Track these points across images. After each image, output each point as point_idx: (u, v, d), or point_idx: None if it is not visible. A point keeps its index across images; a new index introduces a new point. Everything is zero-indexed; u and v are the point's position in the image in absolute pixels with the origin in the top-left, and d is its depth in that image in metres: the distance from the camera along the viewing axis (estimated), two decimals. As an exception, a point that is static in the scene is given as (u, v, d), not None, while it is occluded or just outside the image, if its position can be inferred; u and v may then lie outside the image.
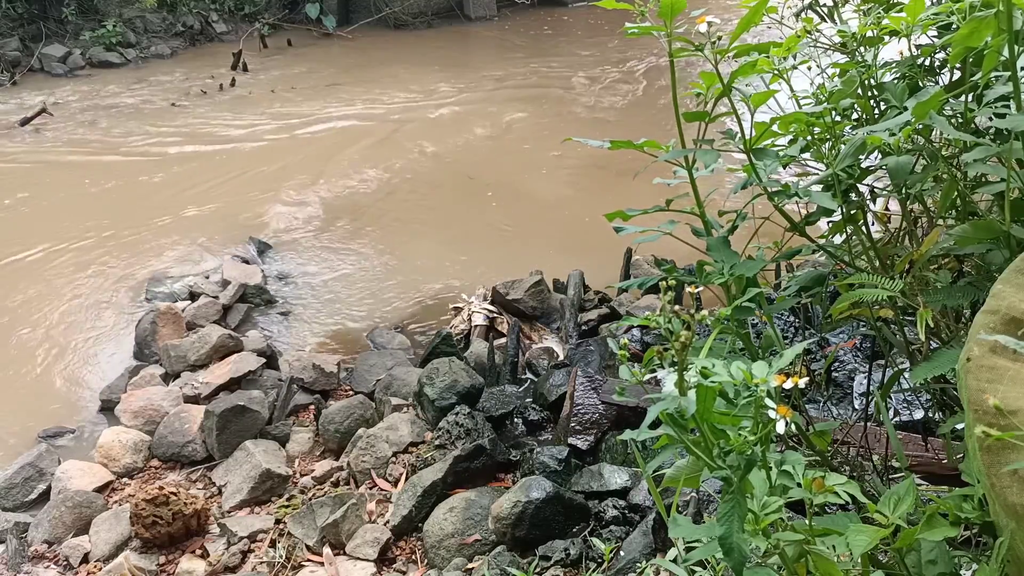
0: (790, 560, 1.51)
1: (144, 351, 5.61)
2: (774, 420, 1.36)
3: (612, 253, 6.05)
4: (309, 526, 3.92)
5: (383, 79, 12.17)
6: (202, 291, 6.20)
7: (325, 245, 7.22)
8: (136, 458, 4.60)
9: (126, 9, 14.11)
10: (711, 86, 1.82)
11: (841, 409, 4.02)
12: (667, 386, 1.39)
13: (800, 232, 2.05)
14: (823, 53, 2.23)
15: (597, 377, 4.23)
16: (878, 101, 2.07)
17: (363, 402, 4.78)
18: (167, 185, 8.46)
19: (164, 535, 3.89)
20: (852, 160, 1.93)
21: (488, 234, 7.38)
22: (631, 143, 1.86)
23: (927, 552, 1.55)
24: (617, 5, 1.76)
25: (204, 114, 10.81)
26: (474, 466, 4.03)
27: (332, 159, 9.09)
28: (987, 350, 1.36)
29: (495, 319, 5.65)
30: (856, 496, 1.52)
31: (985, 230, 1.74)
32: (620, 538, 3.40)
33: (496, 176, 8.60)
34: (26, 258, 7.04)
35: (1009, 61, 1.66)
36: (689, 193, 1.94)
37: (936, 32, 2.11)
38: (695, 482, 1.57)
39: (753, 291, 1.82)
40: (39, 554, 4.04)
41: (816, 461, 2.06)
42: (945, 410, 2.28)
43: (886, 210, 2.49)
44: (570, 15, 16.41)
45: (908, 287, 1.85)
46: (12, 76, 12.28)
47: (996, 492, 1.30)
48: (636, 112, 10.57)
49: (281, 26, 15.14)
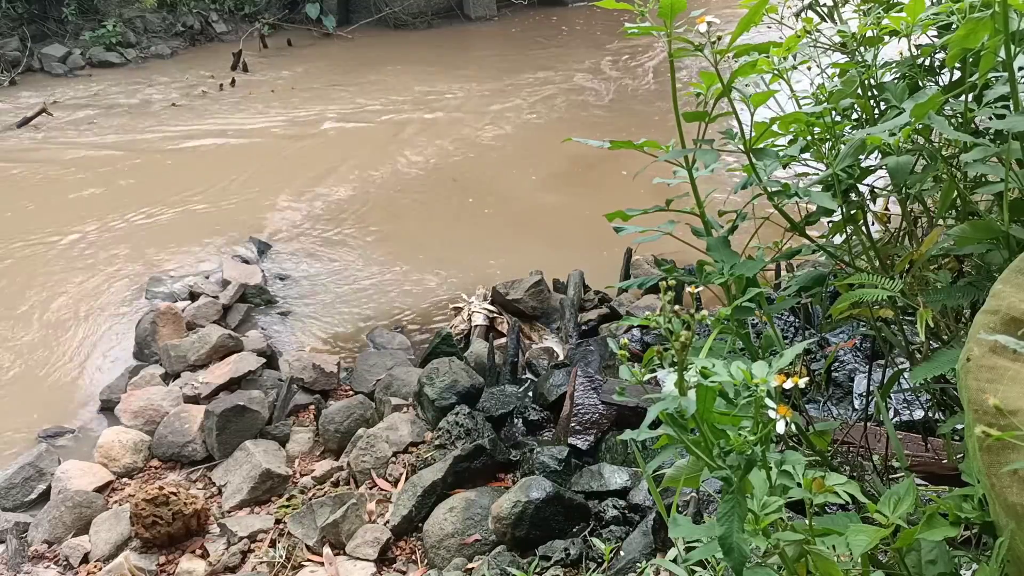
0: (790, 560, 1.51)
1: (144, 351, 5.61)
2: (774, 420, 1.36)
3: (612, 253, 6.06)
4: (309, 526, 3.92)
5: (383, 79, 12.17)
6: (202, 291, 6.20)
7: (325, 245, 7.22)
8: (136, 458, 4.60)
9: (126, 9, 14.11)
10: (711, 86, 1.83)
11: (841, 409, 4.03)
12: (667, 386, 1.39)
13: (800, 232, 2.05)
14: (823, 53, 2.23)
15: (597, 377, 4.23)
16: (878, 101, 2.07)
17: (363, 402, 4.78)
18: (167, 185, 8.46)
19: (164, 535, 3.90)
20: (852, 160, 1.93)
21: (488, 234, 7.38)
22: (631, 143, 1.86)
23: (927, 552, 1.55)
24: (617, 5, 1.76)
25: (204, 114, 10.81)
26: (474, 466, 4.03)
27: (332, 159, 9.10)
28: (987, 350, 1.36)
29: (495, 319, 5.65)
30: (856, 496, 1.52)
31: (984, 230, 1.74)
32: (620, 538, 3.40)
33: (496, 176, 8.61)
34: (26, 258, 7.05)
35: (1006, 62, 1.66)
36: (689, 193, 1.94)
37: (936, 32, 2.11)
38: (695, 482, 1.57)
39: (753, 291, 1.82)
40: (39, 554, 4.04)
41: (816, 461, 2.05)
42: (945, 410, 2.28)
43: (886, 210, 2.49)
44: (570, 15, 16.42)
45: (908, 287, 1.85)
46: (12, 76, 12.29)
47: (996, 492, 1.30)
48: (636, 112, 10.57)
49: (281, 26, 15.15)
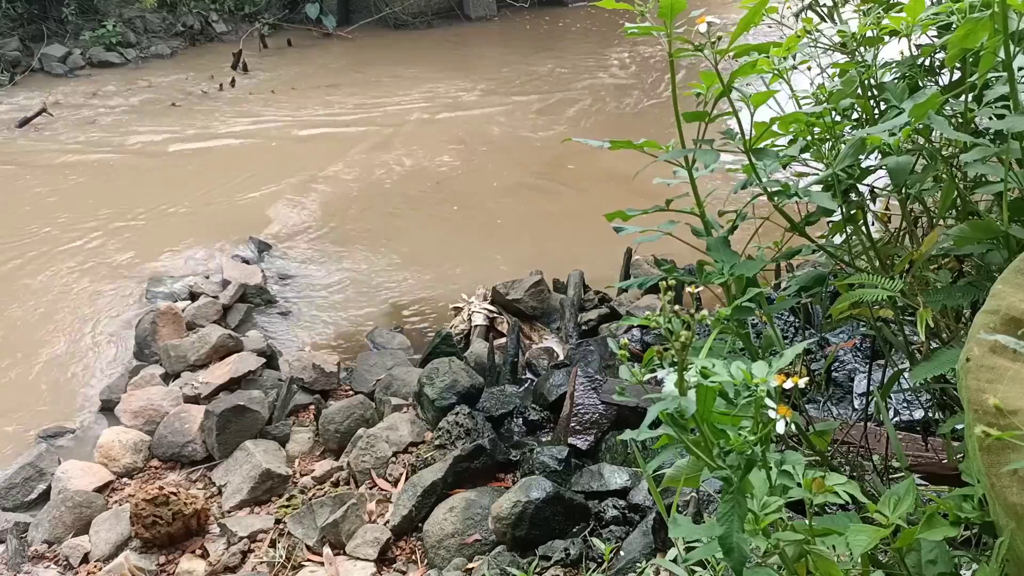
0: (790, 560, 1.51)
1: (144, 351, 5.60)
2: (774, 420, 1.36)
3: (612, 253, 6.05)
4: (309, 526, 3.92)
5: (383, 79, 12.18)
6: (202, 291, 6.20)
7: (325, 245, 7.22)
8: (136, 458, 4.60)
9: (126, 9, 14.11)
10: (711, 86, 1.83)
11: (841, 409, 4.02)
12: (667, 386, 1.39)
13: (800, 232, 2.05)
14: (823, 53, 2.23)
15: (597, 377, 4.23)
16: (878, 101, 2.07)
17: (363, 402, 4.78)
18: (167, 185, 8.46)
19: (164, 535, 3.90)
20: (852, 160, 1.93)
21: (488, 234, 7.38)
22: (631, 143, 1.86)
23: (927, 552, 1.55)
24: (617, 5, 1.76)
25: (204, 114, 10.81)
26: (474, 466, 4.03)
27: (333, 159, 9.10)
28: (987, 350, 1.36)
29: (495, 319, 5.65)
30: (856, 496, 1.52)
31: (984, 230, 1.74)
32: (620, 538, 3.40)
33: (496, 176, 8.61)
34: (26, 258, 7.05)
35: (1005, 62, 1.66)
36: (689, 193, 1.94)
37: (936, 32, 2.11)
38: (695, 482, 1.57)
39: (753, 291, 1.82)
40: (39, 554, 4.04)
41: (816, 461, 2.05)
42: (945, 410, 2.28)
43: (886, 210, 2.49)
44: (570, 15, 16.42)
45: (908, 287, 1.85)
46: (12, 76, 12.28)
47: (996, 492, 1.30)
48: (636, 112, 10.57)
49: (281, 26, 15.15)
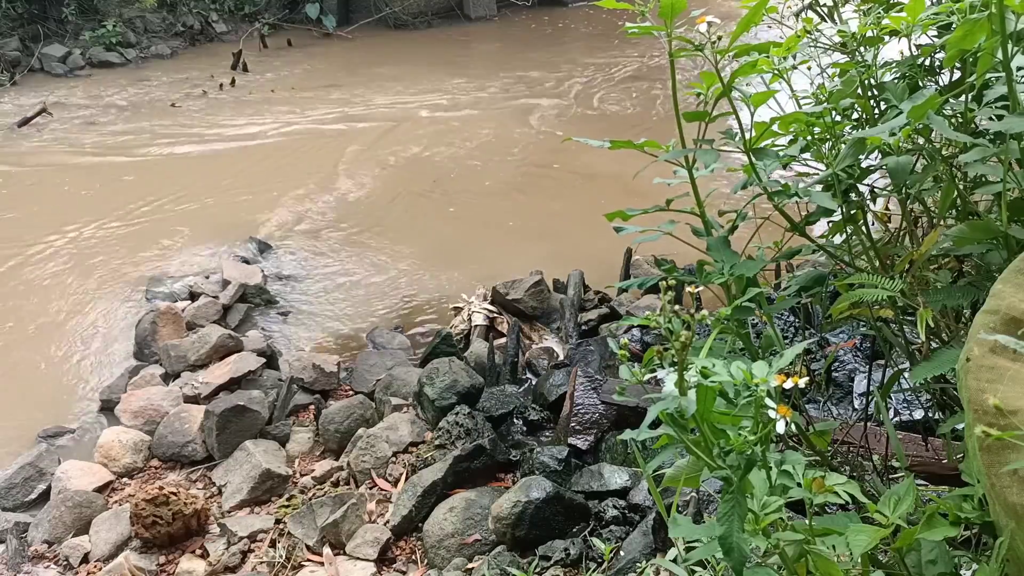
0: (790, 560, 1.51)
1: (144, 351, 5.60)
2: (774, 420, 1.36)
3: (612, 253, 6.05)
4: (309, 526, 3.92)
5: (383, 79, 12.17)
6: (202, 291, 6.20)
7: (325, 245, 7.21)
8: (136, 458, 4.59)
9: (126, 9, 14.10)
10: (711, 86, 1.83)
11: (841, 409, 4.02)
12: (667, 386, 1.39)
13: (800, 232, 2.05)
14: (823, 53, 2.23)
15: (597, 377, 4.23)
16: (878, 101, 2.07)
17: (363, 402, 4.78)
18: (167, 185, 8.46)
19: (164, 535, 3.89)
20: (852, 160, 1.93)
21: (488, 234, 7.38)
22: (631, 143, 1.86)
23: (927, 552, 1.55)
24: (617, 5, 1.76)
25: (204, 114, 10.81)
26: (474, 466, 4.03)
27: (333, 159, 9.09)
28: (987, 350, 1.36)
29: (495, 319, 5.65)
30: (856, 496, 1.52)
31: (983, 230, 1.74)
32: (620, 538, 3.40)
33: (497, 176, 8.61)
34: (26, 257, 7.05)
35: (1003, 63, 1.66)
36: (689, 193, 1.94)
37: (936, 32, 2.11)
38: (695, 482, 1.57)
39: (753, 291, 1.82)
40: (39, 554, 4.04)
41: (816, 461, 2.06)
42: (945, 410, 2.28)
43: (886, 210, 2.49)
44: (570, 15, 16.42)
45: (908, 287, 1.85)
46: (12, 76, 12.28)
47: (996, 492, 1.30)
48: (636, 112, 10.57)
49: (281, 26, 15.14)
